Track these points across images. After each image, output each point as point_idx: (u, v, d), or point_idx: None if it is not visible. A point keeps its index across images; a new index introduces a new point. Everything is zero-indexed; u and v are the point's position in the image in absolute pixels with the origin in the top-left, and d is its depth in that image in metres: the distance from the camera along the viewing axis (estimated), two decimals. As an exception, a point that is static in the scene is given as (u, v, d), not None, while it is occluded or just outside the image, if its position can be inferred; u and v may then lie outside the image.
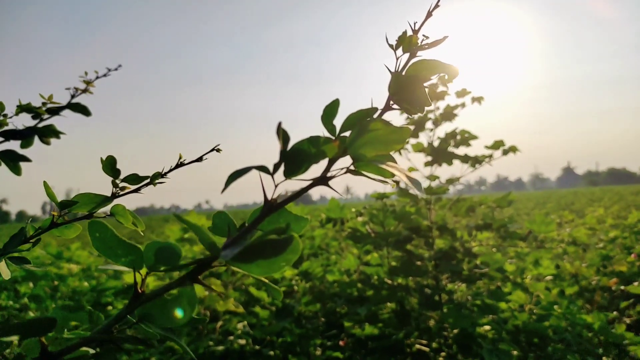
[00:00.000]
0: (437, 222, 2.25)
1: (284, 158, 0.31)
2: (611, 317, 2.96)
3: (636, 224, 5.15)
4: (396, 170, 0.32)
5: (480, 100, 2.17)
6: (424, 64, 0.41)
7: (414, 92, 0.40)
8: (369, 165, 0.33)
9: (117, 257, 0.33)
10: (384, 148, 0.33)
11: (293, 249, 0.28)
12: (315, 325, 2.29)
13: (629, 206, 13.59)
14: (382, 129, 0.33)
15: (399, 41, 0.42)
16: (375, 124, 0.33)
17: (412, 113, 0.41)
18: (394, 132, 0.33)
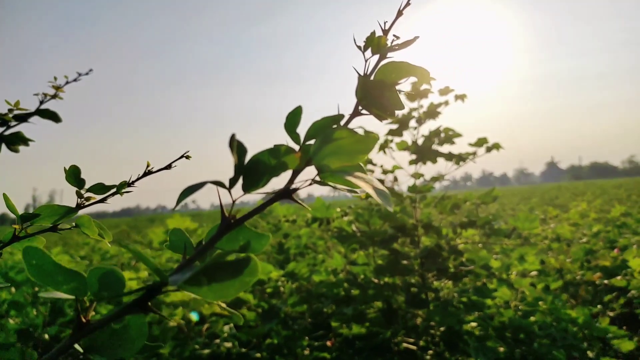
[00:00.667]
0: (422, 220, 2.25)
1: (242, 171, 0.29)
2: (595, 311, 2.99)
3: (619, 217, 5.24)
4: (362, 182, 0.30)
5: (464, 98, 2.17)
6: (393, 66, 0.40)
7: (383, 96, 0.38)
8: (335, 177, 0.32)
9: (58, 284, 0.31)
10: (349, 158, 0.32)
11: (251, 271, 0.26)
12: (302, 326, 2.28)
13: (612, 200, 13.80)
14: (347, 138, 0.31)
15: (367, 42, 0.41)
16: (340, 132, 0.31)
17: (383, 118, 0.40)
18: (360, 141, 0.31)
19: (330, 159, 0.32)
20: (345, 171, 0.32)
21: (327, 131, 0.32)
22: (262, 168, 0.31)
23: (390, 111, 0.39)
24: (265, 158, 0.31)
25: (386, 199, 0.30)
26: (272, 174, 0.31)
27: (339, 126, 0.35)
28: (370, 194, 0.30)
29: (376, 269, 2.12)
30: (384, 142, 2.30)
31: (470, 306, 2.19)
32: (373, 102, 0.38)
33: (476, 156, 2.22)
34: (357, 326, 2.33)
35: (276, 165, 0.31)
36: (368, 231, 2.13)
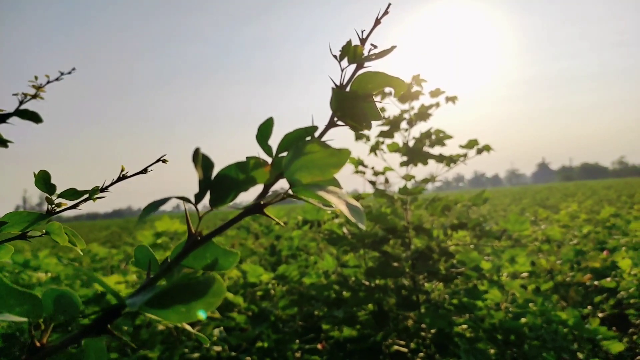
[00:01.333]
0: (413, 222, 2.25)
1: (209, 186, 0.28)
2: (585, 312, 3.00)
3: (608, 218, 5.27)
4: (335, 198, 0.29)
5: (454, 100, 2.17)
6: (369, 76, 0.38)
7: (358, 107, 0.37)
8: (307, 191, 0.30)
9: (10, 307, 0.29)
10: (320, 173, 0.31)
11: (215, 292, 0.25)
12: (293, 329, 2.27)
13: (602, 200, 13.91)
14: (319, 151, 0.30)
15: (344, 51, 0.40)
16: (312, 146, 0.30)
17: (359, 130, 0.39)
18: (332, 155, 0.30)
19: (302, 173, 0.31)
20: (318, 185, 0.30)
21: (298, 144, 0.30)
22: (230, 183, 0.29)
23: (367, 122, 0.38)
24: (233, 173, 0.30)
25: (359, 216, 0.29)
26: (240, 188, 0.30)
27: (313, 138, 0.34)
28: (342, 210, 0.28)
29: (367, 271, 2.11)
30: (375, 143, 2.30)
31: (461, 308, 2.19)
32: (348, 113, 0.37)
33: (467, 158, 2.22)
34: (348, 329, 2.32)
35: (244, 179, 0.30)
36: (358, 233, 2.12)
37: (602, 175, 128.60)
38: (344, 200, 0.30)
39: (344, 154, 0.31)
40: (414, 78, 2.19)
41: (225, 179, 0.29)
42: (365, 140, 2.30)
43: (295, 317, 2.45)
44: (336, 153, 0.31)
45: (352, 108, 0.37)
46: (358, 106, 0.37)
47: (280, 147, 0.34)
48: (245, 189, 0.30)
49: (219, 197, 0.29)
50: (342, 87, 0.38)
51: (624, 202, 12.13)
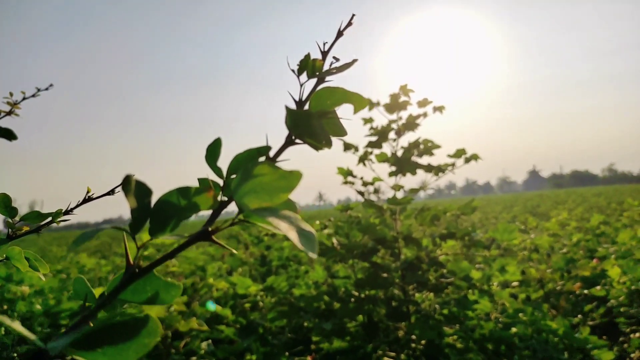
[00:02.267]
0: (402, 232, 2.24)
1: (146, 215, 0.27)
2: (575, 321, 3.00)
3: (598, 226, 5.30)
4: (285, 224, 0.27)
5: (442, 110, 2.17)
6: (328, 92, 0.37)
7: (315, 125, 0.36)
8: (256, 217, 0.29)
9: None
10: (269, 197, 0.29)
11: (150, 332, 0.24)
12: (282, 341, 2.24)
13: (592, 208, 14.01)
14: (268, 174, 0.28)
15: (302, 65, 0.38)
16: (261, 167, 0.28)
17: (319, 148, 0.37)
18: (282, 178, 0.29)
19: (249, 198, 0.29)
20: (269, 210, 0.29)
21: (247, 166, 0.29)
22: (171, 210, 0.28)
23: (326, 140, 0.36)
24: (174, 199, 0.28)
25: (310, 243, 0.27)
26: (182, 216, 0.28)
27: (268, 158, 0.33)
28: (291, 238, 0.27)
29: (356, 282, 2.09)
30: (363, 154, 2.29)
31: (451, 318, 2.18)
32: (305, 131, 0.36)
33: (455, 167, 2.21)
34: (338, 340, 2.30)
35: (187, 206, 0.29)
36: (347, 244, 2.11)
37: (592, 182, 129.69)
38: (295, 226, 0.28)
39: (294, 177, 0.29)
40: (401, 88, 2.19)
41: (165, 206, 0.28)
42: (354, 151, 2.29)
43: (285, 329, 2.43)
44: (287, 176, 0.29)
45: (310, 125, 0.35)
46: (316, 123, 0.36)
47: (230, 169, 0.32)
48: (187, 216, 0.29)
49: (159, 226, 0.28)
50: (301, 103, 0.37)
51: (614, 210, 12.22)
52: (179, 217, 0.29)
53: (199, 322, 2.00)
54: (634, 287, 2.98)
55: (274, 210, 0.29)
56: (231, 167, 0.32)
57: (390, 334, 2.29)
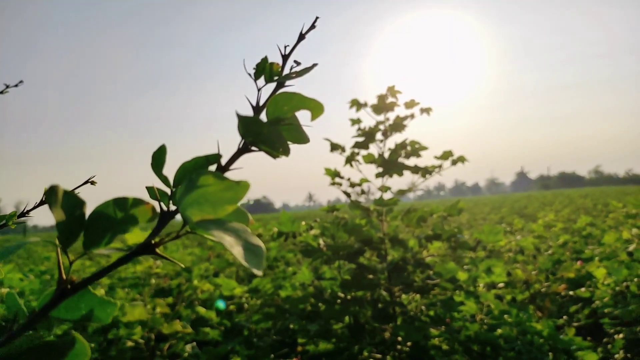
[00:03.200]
0: (389, 233, 2.23)
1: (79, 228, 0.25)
2: (560, 322, 3.02)
3: (585, 227, 5.35)
4: (231, 237, 0.26)
5: (429, 111, 2.17)
6: (285, 97, 0.35)
7: (271, 132, 0.34)
8: (202, 230, 0.27)
9: None
10: (212, 209, 0.27)
11: (78, 354, 0.22)
12: (267, 343, 2.22)
13: (579, 209, 14.15)
14: (213, 184, 0.27)
15: (259, 69, 0.36)
16: (205, 178, 0.27)
17: (275, 156, 0.35)
18: (228, 189, 0.27)
19: (192, 210, 0.27)
20: (215, 222, 0.27)
21: (192, 176, 0.27)
22: (107, 223, 0.26)
23: (284, 147, 0.34)
24: (110, 211, 0.26)
25: (255, 259, 0.25)
26: (119, 229, 0.27)
27: (219, 167, 0.31)
28: (234, 254, 0.25)
29: (342, 283, 2.08)
30: (350, 154, 2.28)
31: (437, 320, 2.18)
32: (260, 138, 0.34)
33: (442, 169, 2.21)
34: (323, 342, 2.28)
35: (123, 219, 0.27)
36: (333, 245, 2.10)
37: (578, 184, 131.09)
38: (242, 240, 0.27)
39: (241, 188, 0.28)
40: (389, 89, 2.19)
41: (100, 218, 0.26)
42: (341, 152, 2.28)
43: (270, 331, 2.41)
44: (233, 187, 0.27)
45: (263, 132, 0.34)
46: (271, 130, 0.34)
47: (177, 178, 0.31)
48: (125, 228, 0.27)
49: (93, 239, 0.26)
50: (258, 108, 0.35)
51: (600, 211, 12.36)
52: (115, 230, 0.27)
53: (182, 324, 1.97)
54: (618, 289, 3.01)
55: (220, 222, 0.27)
56: (177, 176, 0.31)
57: (376, 335, 2.28)
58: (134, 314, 1.84)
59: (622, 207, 3.18)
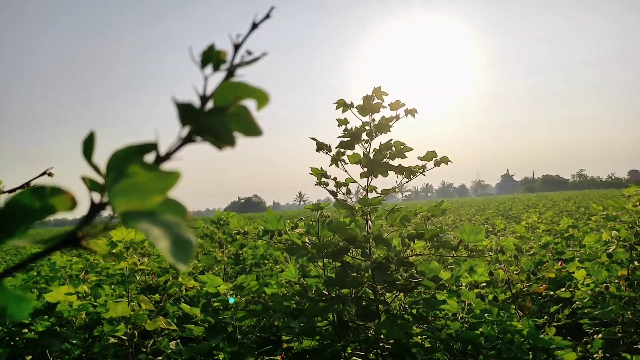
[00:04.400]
0: (373, 232, 2.26)
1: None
2: (541, 322, 3.07)
3: (567, 229, 5.44)
4: (159, 230, 0.25)
5: (414, 113, 2.20)
6: (231, 86, 0.34)
7: (217, 122, 0.33)
8: (131, 221, 0.26)
9: None
10: (139, 200, 0.27)
11: None
12: (251, 340, 2.23)
13: (562, 212, 14.35)
14: (142, 174, 0.26)
15: (205, 57, 0.35)
16: (134, 167, 0.26)
17: (221, 147, 0.34)
18: (158, 178, 0.27)
19: (119, 200, 0.27)
20: (146, 213, 0.26)
21: (120, 165, 0.27)
22: (22, 213, 0.26)
23: (229, 139, 0.33)
24: (27, 200, 0.26)
25: (183, 253, 0.25)
26: (36, 217, 0.26)
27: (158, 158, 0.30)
28: (159, 248, 0.24)
29: (326, 281, 2.10)
30: (336, 154, 2.30)
31: (419, 318, 2.21)
32: (203, 128, 0.33)
33: (426, 169, 2.24)
34: (307, 340, 2.30)
35: (41, 208, 0.26)
36: (318, 243, 2.12)
37: (562, 187, 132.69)
38: (173, 233, 0.26)
39: (172, 178, 0.27)
40: (375, 91, 2.21)
41: (15, 208, 0.26)
42: (326, 151, 2.30)
43: (255, 328, 2.42)
44: (163, 177, 0.27)
45: (204, 122, 0.32)
46: (213, 120, 0.33)
47: (108, 167, 0.29)
48: (41, 217, 0.26)
49: (8, 230, 0.25)
50: (205, 98, 0.34)
51: (582, 214, 12.55)
52: (31, 219, 0.26)
53: (166, 321, 1.97)
54: (598, 289, 3.07)
55: (150, 214, 0.27)
56: (109, 166, 0.29)
57: (360, 333, 2.30)
58: (117, 310, 1.84)
59: (601, 209, 3.25)
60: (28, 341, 1.94)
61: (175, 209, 0.29)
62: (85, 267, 5.28)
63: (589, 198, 24.69)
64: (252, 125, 0.34)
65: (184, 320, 3.01)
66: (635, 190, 2.77)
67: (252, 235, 2.49)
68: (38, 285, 4.46)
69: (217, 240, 4.59)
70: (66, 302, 1.95)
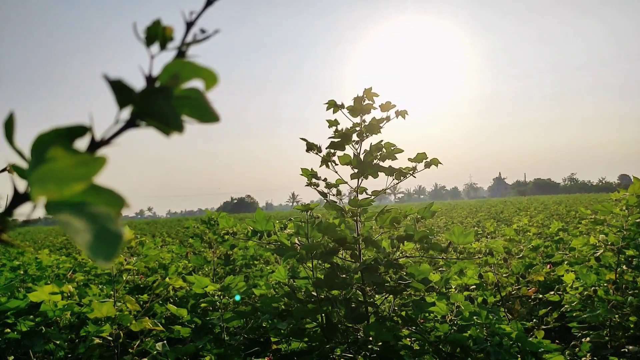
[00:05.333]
0: (363, 234, 2.25)
1: None
2: (530, 325, 3.07)
3: (557, 232, 5.47)
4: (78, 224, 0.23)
5: (404, 115, 2.19)
6: (177, 66, 0.32)
7: (163, 105, 0.30)
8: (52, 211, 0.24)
9: None
10: (56, 187, 0.24)
11: None
12: (239, 341, 2.21)
13: (552, 215, 14.43)
14: (63, 159, 0.24)
15: (151, 34, 0.32)
16: (55, 151, 0.24)
17: (167, 132, 0.31)
18: (81, 164, 0.24)
19: (37, 187, 0.24)
20: (68, 204, 0.24)
21: (40, 149, 0.25)
22: None
23: (176, 123, 0.30)
24: None
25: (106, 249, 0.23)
26: None
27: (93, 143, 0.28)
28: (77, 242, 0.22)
29: (314, 282, 2.09)
30: (326, 155, 2.29)
31: (408, 320, 2.20)
32: (147, 111, 0.30)
33: (416, 171, 2.24)
34: (296, 341, 2.28)
35: None
36: (307, 244, 2.10)
37: (553, 190, 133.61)
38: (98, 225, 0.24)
39: (97, 164, 0.25)
40: (365, 92, 2.20)
41: None
42: (317, 152, 2.29)
43: (243, 329, 2.40)
44: (88, 162, 0.25)
45: (152, 105, 0.29)
46: (161, 102, 0.30)
47: (31, 152, 0.27)
48: None
49: None
50: (151, 79, 0.31)
51: (573, 217, 12.62)
52: None
53: (152, 321, 1.95)
54: (586, 293, 3.08)
55: (77, 205, 0.25)
56: (32, 150, 0.27)
57: (349, 335, 2.29)
58: (102, 310, 1.81)
59: (590, 213, 3.26)
60: (10, 341, 1.91)
61: (110, 200, 0.27)
62: (74, 266, 5.23)
63: (580, 202, 24.87)
64: (207, 110, 0.32)
65: (173, 321, 2.98)
66: (623, 194, 2.78)
67: (241, 235, 2.47)
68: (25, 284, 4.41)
69: (207, 241, 4.56)
70: (50, 301, 1.92)
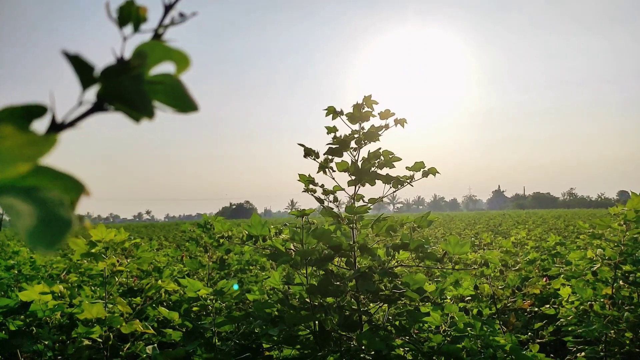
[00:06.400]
0: (358, 241, 2.23)
1: None
2: (524, 338, 3.05)
3: (554, 246, 5.45)
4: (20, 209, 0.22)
5: (403, 123, 2.18)
6: (148, 48, 0.30)
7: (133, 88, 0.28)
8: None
9: None
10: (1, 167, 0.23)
11: None
12: (230, 346, 2.19)
13: (551, 229, 14.40)
14: (12, 136, 0.23)
15: (123, 14, 0.31)
16: (3, 129, 0.23)
17: (137, 118, 0.29)
18: (30, 144, 0.23)
19: None
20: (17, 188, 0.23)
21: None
22: None
23: (146, 109, 0.29)
24: None
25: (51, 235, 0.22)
26: None
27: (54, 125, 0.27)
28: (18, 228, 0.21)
29: (308, 289, 2.07)
30: (324, 161, 2.28)
31: (401, 330, 2.18)
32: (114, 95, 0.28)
33: (413, 180, 2.23)
34: (288, 349, 2.26)
35: None
36: (302, 250, 2.09)
37: (552, 205, 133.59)
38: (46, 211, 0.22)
39: (47, 144, 0.24)
40: (365, 99, 2.20)
41: None
42: (314, 158, 2.28)
43: (235, 335, 2.38)
44: (38, 142, 0.23)
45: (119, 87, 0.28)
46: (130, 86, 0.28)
47: None
48: None
49: None
50: (123, 62, 0.29)
51: (571, 232, 12.60)
52: None
53: (143, 324, 1.93)
54: (582, 307, 3.06)
55: (24, 188, 0.23)
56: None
57: (342, 343, 2.27)
58: (92, 311, 1.79)
59: (588, 227, 3.25)
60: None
61: (66, 186, 0.25)
62: (69, 266, 5.20)
63: (579, 217, 24.85)
64: (184, 97, 0.30)
65: (165, 325, 2.95)
66: (622, 209, 2.77)
67: (236, 240, 2.45)
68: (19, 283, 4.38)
69: (203, 245, 4.54)
70: (41, 301, 1.90)
